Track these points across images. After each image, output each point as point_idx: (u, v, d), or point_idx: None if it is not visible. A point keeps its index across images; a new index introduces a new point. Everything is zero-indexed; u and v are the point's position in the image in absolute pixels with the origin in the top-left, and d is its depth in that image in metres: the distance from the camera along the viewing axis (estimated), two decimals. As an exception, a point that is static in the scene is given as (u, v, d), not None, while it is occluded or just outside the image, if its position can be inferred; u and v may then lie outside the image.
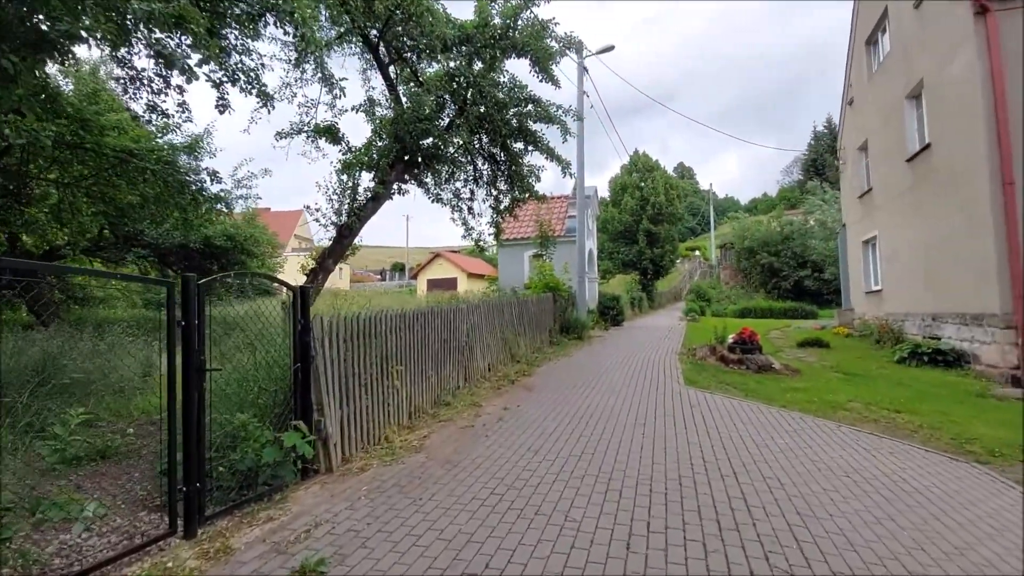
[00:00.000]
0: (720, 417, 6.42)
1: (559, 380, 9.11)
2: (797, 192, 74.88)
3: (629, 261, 34.52)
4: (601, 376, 9.40)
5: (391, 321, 6.06)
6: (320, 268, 10.74)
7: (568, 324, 15.33)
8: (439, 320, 7.38)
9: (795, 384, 8.72)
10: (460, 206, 13.42)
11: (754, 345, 10.09)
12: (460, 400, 7.35)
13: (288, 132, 11.40)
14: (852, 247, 17.85)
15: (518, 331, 11.53)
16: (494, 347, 9.90)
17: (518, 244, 19.22)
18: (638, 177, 35.34)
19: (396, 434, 5.70)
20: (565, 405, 7.16)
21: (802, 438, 5.64)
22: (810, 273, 36.11)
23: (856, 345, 13.95)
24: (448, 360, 7.64)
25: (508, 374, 9.54)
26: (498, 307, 10.52)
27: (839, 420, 6.55)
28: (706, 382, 8.75)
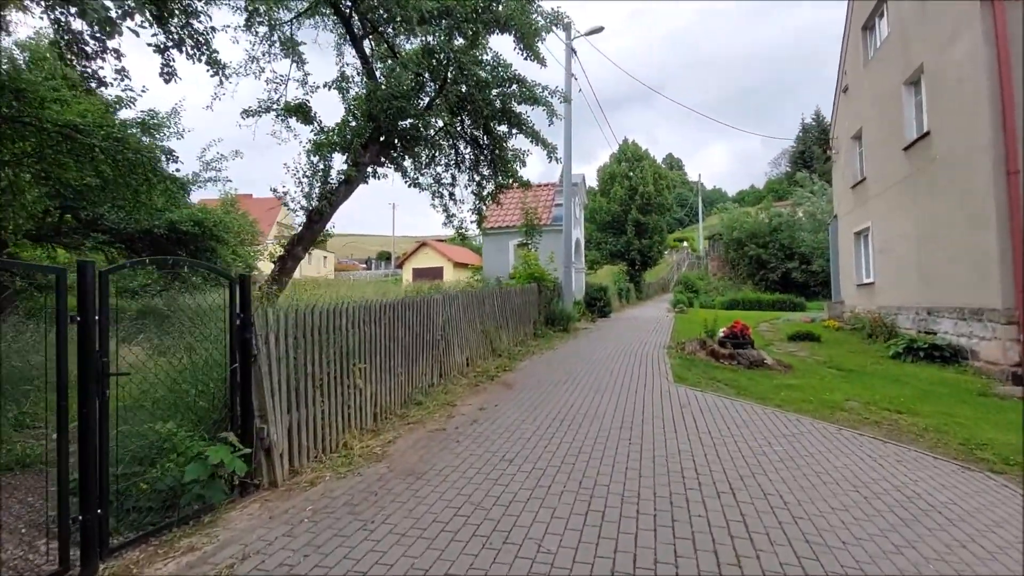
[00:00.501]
0: (712, 419, 5.94)
1: (541, 376, 8.59)
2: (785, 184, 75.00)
3: (617, 252, 34.09)
4: (586, 372, 8.90)
5: (354, 314, 5.47)
6: (289, 255, 10.09)
7: (553, 316, 14.82)
8: (410, 313, 6.80)
9: (789, 381, 8.29)
10: (441, 192, 12.81)
11: (746, 339, 9.65)
12: (433, 399, 6.80)
13: (255, 110, 10.68)
14: (843, 239, 17.51)
15: (500, 323, 10.98)
16: (473, 340, 9.35)
17: (503, 233, 18.62)
18: (627, 166, 34.82)
19: (357, 440, 5.14)
20: (546, 405, 6.64)
21: (801, 444, 5.18)
22: (798, 265, 35.96)
23: (848, 339, 13.62)
24: (421, 356, 7.08)
25: (488, 369, 9.00)
26: (478, 298, 9.95)
27: (838, 422, 6.11)
28: (696, 379, 8.29)
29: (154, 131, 9.86)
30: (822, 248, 34.27)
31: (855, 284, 16.38)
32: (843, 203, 17.56)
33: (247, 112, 10.64)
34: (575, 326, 16.00)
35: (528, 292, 13.40)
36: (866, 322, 13.87)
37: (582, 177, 20.12)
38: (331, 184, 10.02)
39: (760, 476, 4.23)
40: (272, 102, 10.81)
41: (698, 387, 7.71)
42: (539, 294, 14.30)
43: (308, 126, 10.89)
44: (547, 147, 11.64)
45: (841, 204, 17.83)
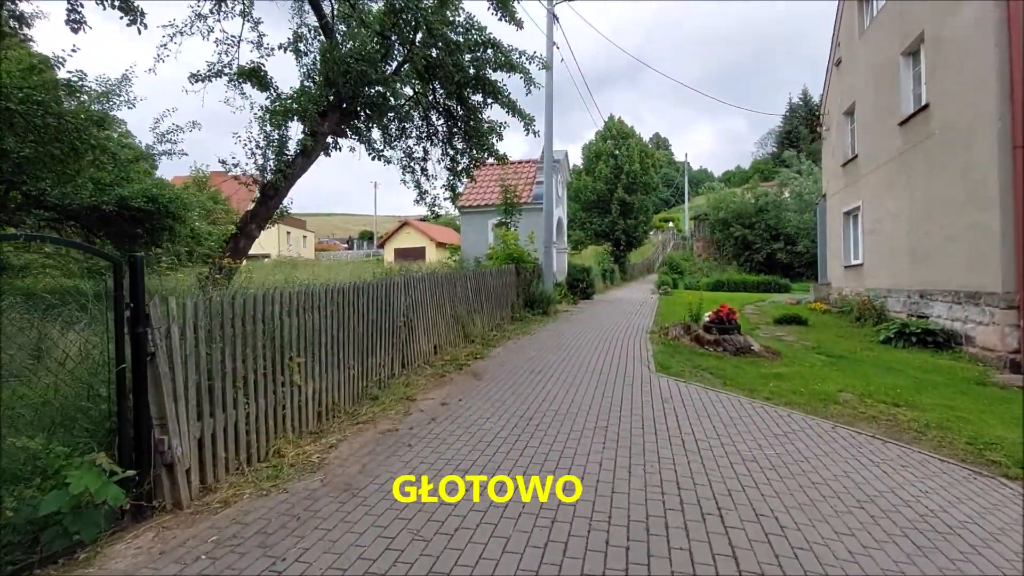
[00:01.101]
0: (697, 416, 5.38)
1: (515, 364, 7.97)
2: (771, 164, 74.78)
3: (602, 232, 33.45)
4: (563, 360, 8.31)
5: (291, 301, 4.76)
6: (241, 234, 9.28)
7: (533, 298, 14.19)
8: (364, 298, 6.09)
9: (777, 369, 7.77)
10: (412, 167, 12.02)
11: (732, 324, 9.12)
12: (390, 393, 6.14)
13: (205, 74, 9.74)
14: (832, 219, 17.05)
15: (473, 307, 10.32)
16: (442, 326, 8.69)
17: (482, 211, 17.85)
18: (612, 144, 33.98)
19: (293, 445, 4.47)
20: (515, 399, 6.03)
21: (795, 445, 4.63)
22: (783, 246, 35.73)
23: (835, 322, 13.21)
24: (379, 345, 6.40)
25: (457, 357, 8.36)
26: (449, 280, 9.25)
27: (833, 417, 5.60)
28: (679, 367, 7.73)
29: (80, 95, 8.89)
30: (807, 229, 34.01)
31: (843, 266, 15.97)
32: (832, 182, 17.05)
33: (195, 76, 9.71)
34: (556, 309, 15.40)
35: (506, 273, 12.72)
36: (854, 305, 13.46)
37: (564, 154, 19.35)
38: (287, 156, 9.17)
39: (751, 490, 3.66)
40: (223, 65, 9.86)
41: (682, 377, 7.16)
42: (518, 275, 13.63)
43: (264, 93, 9.98)
44: (525, 118, 10.86)
45: (830, 183, 17.32)
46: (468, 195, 18.69)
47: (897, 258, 12.08)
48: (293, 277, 16.97)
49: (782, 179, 37.95)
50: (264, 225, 9.39)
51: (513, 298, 13.23)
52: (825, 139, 17.84)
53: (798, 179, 35.52)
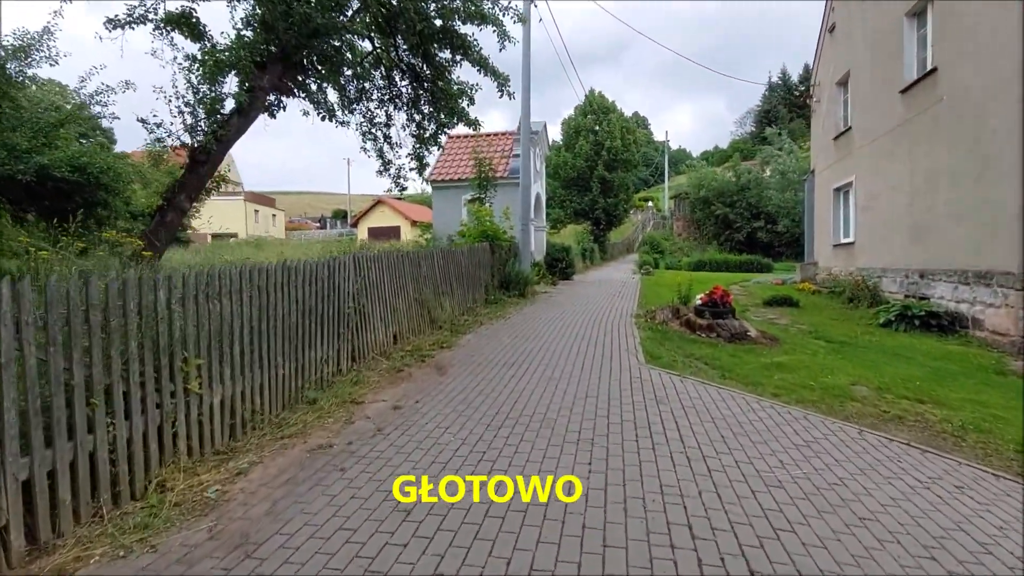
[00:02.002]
0: (700, 420, 4.49)
1: (485, 355, 7.00)
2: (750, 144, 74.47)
3: (581, 210, 32.52)
4: (540, 348, 7.37)
5: (190, 286, 3.67)
6: (169, 206, 8.01)
7: (509, 279, 13.20)
8: (300, 280, 5.01)
9: (778, 358, 6.96)
10: (374, 133, 10.77)
11: (726, 308, 8.28)
12: (333, 395, 5.11)
13: (124, 20, 8.32)
14: (821, 195, 16.35)
15: (441, 289, 9.29)
16: (404, 311, 7.65)
17: (455, 186, 16.68)
18: (593, 119, 32.84)
19: (187, 474, 3.44)
20: (483, 399, 5.07)
21: (822, 460, 3.77)
22: (763, 225, 35.27)
23: (827, 304, 12.54)
24: (320, 336, 5.34)
25: (421, 347, 7.35)
26: (411, 260, 8.19)
27: (853, 418, 4.78)
28: (671, 357, 6.87)
29: (10, 52, 7.47)
30: (788, 207, 33.57)
31: (831, 244, 15.33)
32: (822, 157, 16.31)
33: (112, 22, 8.28)
34: (533, 290, 14.45)
35: (479, 252, 11.69)
36: (847, 285, 12.81)
37: (543, 125, 18.21)
38: (220, 115, 7.90)
39: (787, 536, 2.77)
40: (147, 10, 8.44)
41: (675, 369, 6.28)
42: (492, 254, 12.61)
43: (198, 44, 8.61)
44: (498, 77, 9.71)
45: (820, 158, 16.58)
46: (441, 169, 17.50)
47: (894, 235, 11.40)
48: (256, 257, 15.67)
49: (764, 156, 37.33)
50: (197, 196, 8.15)
51: (487, 279, 12.23)
52: (815, 111, 17.05)
53: (780, 156, 34.92)
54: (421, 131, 10.82)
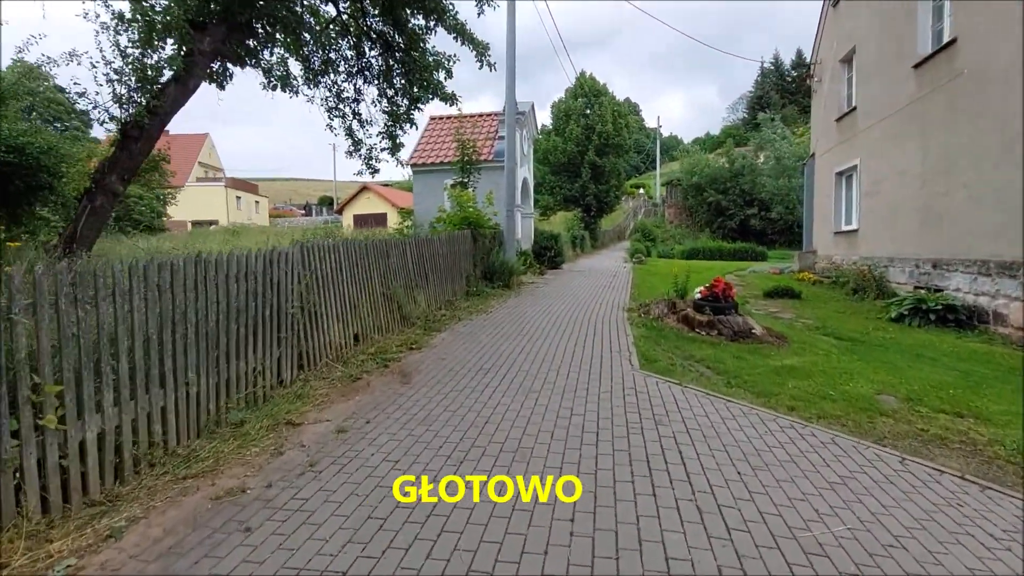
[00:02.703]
0: (707, 450, 3.67)
1: (459, 357, 6.16)
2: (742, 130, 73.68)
3: (572, 196, 31.61)
4: (522, 350, 6.54)
5: (46, 289, 2.77)
6: (99, 189, 7.02)
7: (493, 269, 12.33)
8: (220, 276, 4.10)
9: (788, 360, 6.18)
10: (341, 109, 9.81)
11: (729, 303, 7.48)
12: (267, 413, 4.24)
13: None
14: (821, 180, 15.58)
15: (415, 282, 8.41)
16: (368, 308, 6.77)
17: (437, 170, 15.70)
18: (584, 103, 31.82)
19: (36, 541, 2.57)
20: (448, 417, 4.23)
21: (865, 505, 2.98)
22: (757, 212, 34.59)
23: (830, 295, 11.81)
24: (253, 343, 4.46)
25: (387, 348, 6.49)
26: (378, 250, 7.29)
27: (888, 439, 4.01)
28: (669, 360, 6.07)
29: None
30: (782, 194, 32.91)
31: (832, 232, 14.59)
32: (823, 139, 15.51)
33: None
34: (519, 281, 13.60)
35: (459, 241, 10.79)
36: (851, 275, 12.08)
37: (531, 106, 17.23)
38: (155, 84, 6.90)
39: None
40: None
41: (673, 375, 5.47)
42: (474, 243, 11.71)
43: (135, 5, 7.57)
44: (477, 46, 8.77)
45: (820, 141, 15.78)
46: (422, 152, 16.50)
47: (902, 222, 10.65)
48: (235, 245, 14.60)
49: (759, 141, 36.53)
50: (130, 177, 7.16)
51: (469, 269, 11.35)
52: (816, 92, 16.21)
53: (776, 142, 34.14)
54: (394, 107, 9.87)
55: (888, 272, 11.11)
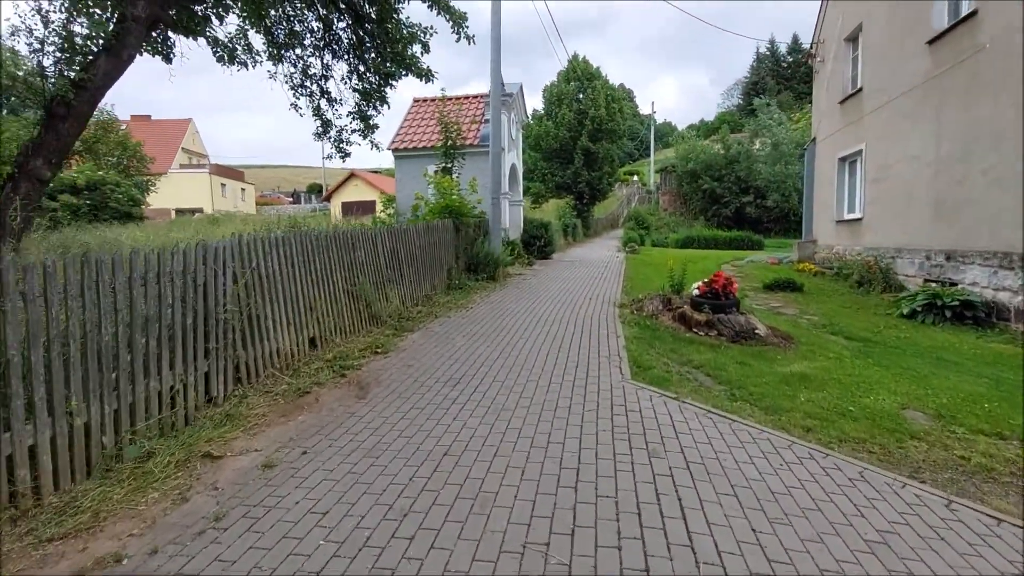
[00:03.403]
0: (712, 495, 2.99)
1: (427, 364, 5.46)
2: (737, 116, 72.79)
3: (564, 183, 30.75)
4: (500, 353, 5.84)
5: None
6: (22, 175, 6.19)
7: (477, 261, 11.60)
8: (121, 279, 3.36)
9: (797, 366, 5.53)
10: (308, 87, 8.99)
11: (730, 300, 6.80)
12: (183, 442, 3.53)
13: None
14: (823, 166, 14.89)
15: (387, 276, 7.68)
16: (328, 308, 6.04)
17: (420, 155, 14.85)
18: (576, 87, 30.87)
19: None
20: (400, 446, 3.54)
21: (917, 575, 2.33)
22: (752, 199, 33.89)
23: (833, 288, 11.18)
24: (169, 357, 3.74)
25: (348, 353, 5.77)
26: (342, 243, 6.55)
27: (925, 471, 3.36)
28: (664, 366, 5.39)
29: None
30: (778, 181, 32.23)
31: (833, 220, 13.93)
32: (826, 123, 14.79)
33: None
34: (506, 272, 12.89)
35: (439, 230, 10.04)
36: (855, 267, 11.44)
37: (519, 88, 16.36)
38: (83, 55, 6.07)
39: None
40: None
41: (669, 385, 4.80)
42: (456, 233, 10.96)
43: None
44: (453, 16, 7.97)
45: (822, 125, 15.06)
46: (404, 136, 15.64)
47: (913, 210, 9.99)
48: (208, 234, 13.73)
49: (755, 128, 35.75)
50: (59, 161, 6.33)
51: (450, 261, 10.61)
52: (818, 73, 15.45)
53: (772, 127, 33.38)
54: (365, 84, 9.04)
55: (895, 264, 10.48)
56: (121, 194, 28.80)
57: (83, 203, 26.70)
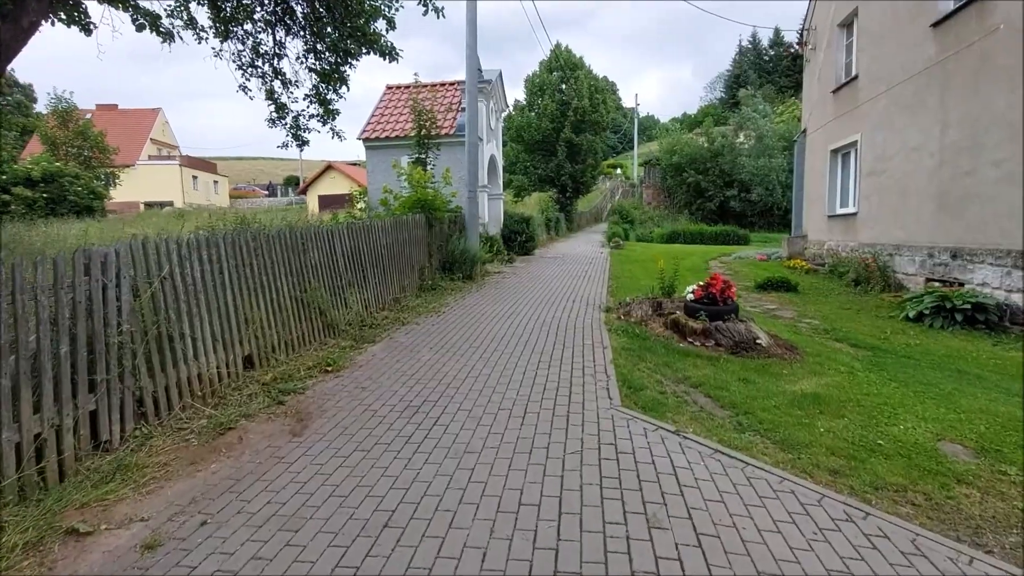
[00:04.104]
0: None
1: (384, 387, 4.67)
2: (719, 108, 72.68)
3: (546, 176, 30.00)
4: (468, 372, 5.08)
5: None
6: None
7: (453, 259, 10.80)
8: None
9: (806, 383, 4.87)
10: (259, 67, 8.08)
11: (729, 306, 6.11)
12: (41, 512, 2.70)
13: None
14: (814, 158, 14.34)
15: (349, 280, 6.86)
16: (270, 318, 5.21)
17: (393, 145, 13.95)
18: (559, 77, 30.06)
19: None
20: (327, 512, 2.76)
21: None
22: (736, 193, 33.55)
23: (829, 287, 10.61)
24: (23, 400, 2.90)
25: (291, 373, 4.95)
26: (291, 242, 5.70)
27: (986, 534, 2.70)
28: (658, 386, 4.68)
29: None
30: (762, 175, 31.88)
31: (825, 215, 13.40)
32: (816, 114, 14.23)
33: None
34: (484, 270, 12.11)
35: (408, 227, 9.21)
36: (851, 264, 10.89)
37: (498, 74, 15.51)
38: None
39: None
40: None
41: (665, 413, 4.08)
42: (429, 229, 10.14)
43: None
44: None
45: (813, 115, 14.50)
46: (376, 125, 14.71)
47: (913, 205, 9.44)
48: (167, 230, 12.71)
49: (739, 120, 35.32)
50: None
51: (422, 260, 9.80)
52: (809, 61, 14.86)
53: (757, 120, 32.97)
54: (323, 64, 8.15)
55: (894, 261, 9.94)
56: (81, 187, 27.33)
57: (39, 196, 25.26)
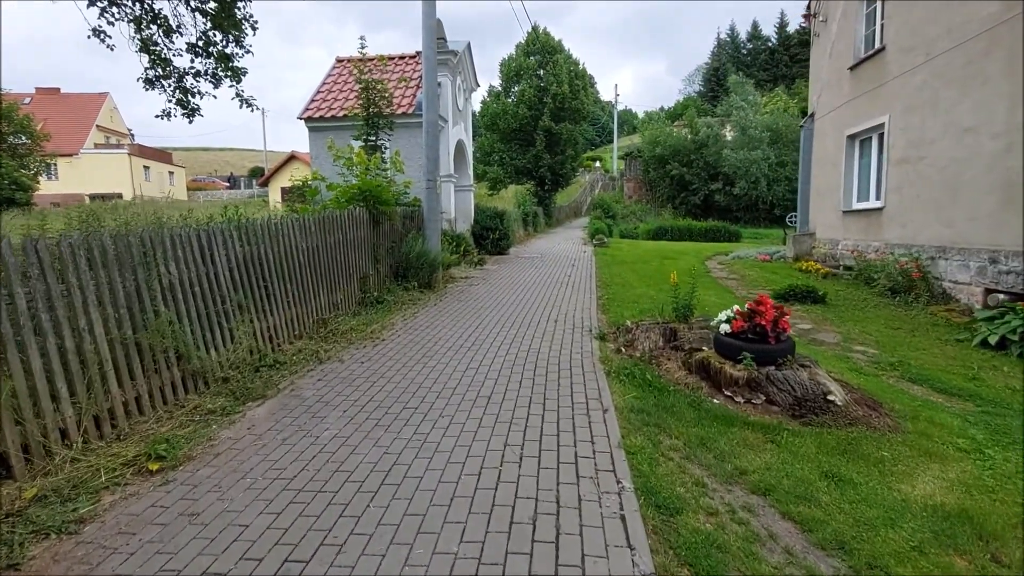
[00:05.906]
0: None
1: (230, 517, 2.68)
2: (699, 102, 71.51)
3: (524, 168, 28.05)
4: (388, 468, 3.10)
5: None
6: None
7: (407, 263, 8.78)
8: None
9: (926, 479, 3.05)
10: (124, 3, 5.91)
11: (784, 343, 4.23)
12: None
13: None
14: (824, 146, 12.67)
15: (238, 301, 4.79)
16: (44, 388, 3.15)
17: (341, 126, 11.79)
18: (537, 61, 28.11)
19: None
20: None
21: None
22: (721, 187, 32.10)
23: (860, 297, 8.88)
24: None
25: (77, 478, 2.92)
26: (121, 255, 3.63)
27: None
28: (700, 499, 2.79)
29: None
30: (746, 167, 30.45)
31: (839, 210, 11.72)
32: (827, 95, 12.54)
33: None
34: (449, 276, 10.13)
35: (344, 225, 7.15)
36: (880, 269, 9.19)
37: (466, 46, 13.42)
38: None
39: None
40: None
41: (725, 572, 2.19)
42: (375, 227, 8.10)
43: None
44: None
45: (824, 97, 12.80)
46: (322, 102, 12.52)
47: (966, 198, 7.76)
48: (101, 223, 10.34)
49: (727, 108, 33.81)
50: None
51: (365, 266, 7.76)
52: (818, 36, 13.16)
53: (744, 109, 31.50)
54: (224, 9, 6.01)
55: (936, 266, 8.28)
56: (2, 175, 24.39)
57: None
